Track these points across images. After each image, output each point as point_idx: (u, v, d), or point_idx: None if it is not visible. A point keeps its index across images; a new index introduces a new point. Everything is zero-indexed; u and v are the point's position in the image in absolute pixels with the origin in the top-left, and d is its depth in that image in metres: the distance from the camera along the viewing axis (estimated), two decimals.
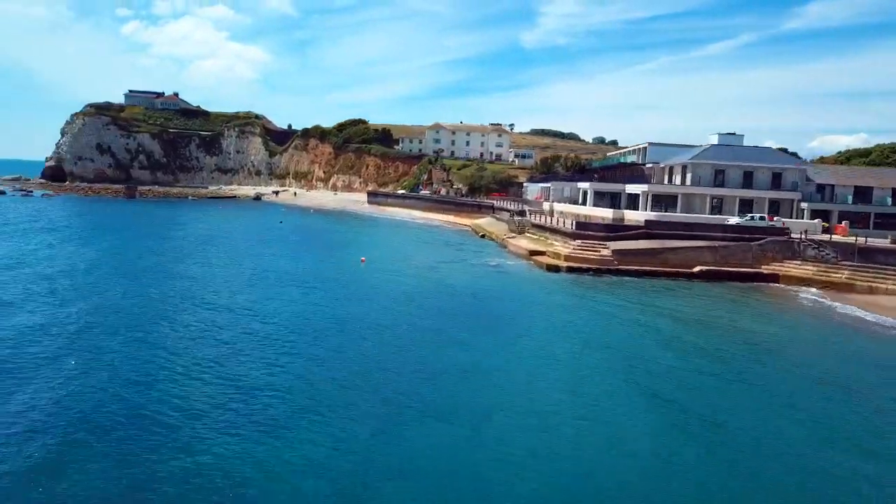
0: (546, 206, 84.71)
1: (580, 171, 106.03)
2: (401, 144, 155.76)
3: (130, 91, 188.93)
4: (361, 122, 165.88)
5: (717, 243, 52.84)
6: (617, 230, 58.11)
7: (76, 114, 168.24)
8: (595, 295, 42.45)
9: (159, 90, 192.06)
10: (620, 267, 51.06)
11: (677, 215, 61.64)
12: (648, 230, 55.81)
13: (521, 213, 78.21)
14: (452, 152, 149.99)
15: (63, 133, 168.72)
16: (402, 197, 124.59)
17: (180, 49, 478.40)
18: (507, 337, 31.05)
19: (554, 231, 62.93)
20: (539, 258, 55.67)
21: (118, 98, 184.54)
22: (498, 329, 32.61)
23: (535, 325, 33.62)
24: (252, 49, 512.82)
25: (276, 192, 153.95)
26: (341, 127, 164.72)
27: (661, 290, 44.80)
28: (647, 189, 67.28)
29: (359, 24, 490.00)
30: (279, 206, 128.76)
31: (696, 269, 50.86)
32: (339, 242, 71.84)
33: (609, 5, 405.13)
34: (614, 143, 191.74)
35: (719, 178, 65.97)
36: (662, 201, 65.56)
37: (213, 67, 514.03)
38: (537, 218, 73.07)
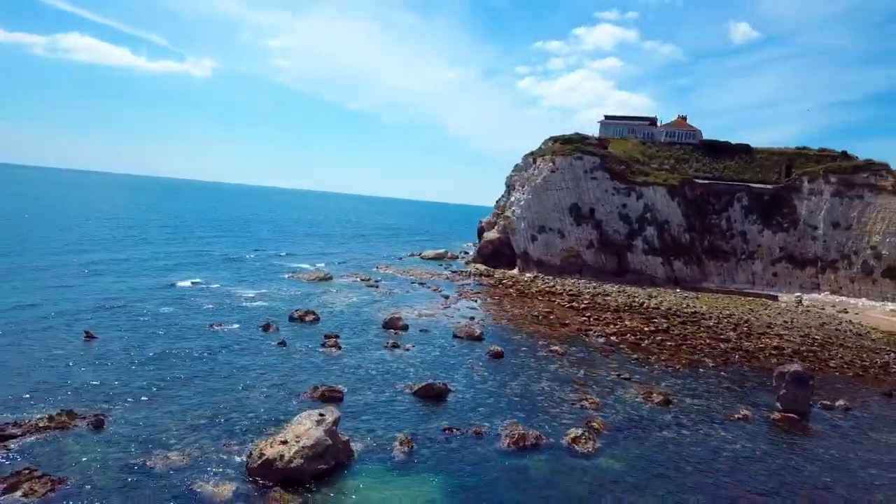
0: None
1: None
2: None
3: (606, 117, 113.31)
4: None
5: None
6: None
7: (532, 154, 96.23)
8: None
9: (638, 115, 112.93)
10: None
11: None
12: None
13: None
14: None
15: (509, 186, 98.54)
16: None
17: (568, 100, 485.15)
18: None
19: None
20: None
21: (576, 128, 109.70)
22: None
23: None
24: (636, 97, 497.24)
25: None
26: None
27: None
28: None
29: (747, 67, 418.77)
30: None
31: None
32: None
33: None
34: None
35: None
36: None
37: (596, 116, 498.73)
38: None
